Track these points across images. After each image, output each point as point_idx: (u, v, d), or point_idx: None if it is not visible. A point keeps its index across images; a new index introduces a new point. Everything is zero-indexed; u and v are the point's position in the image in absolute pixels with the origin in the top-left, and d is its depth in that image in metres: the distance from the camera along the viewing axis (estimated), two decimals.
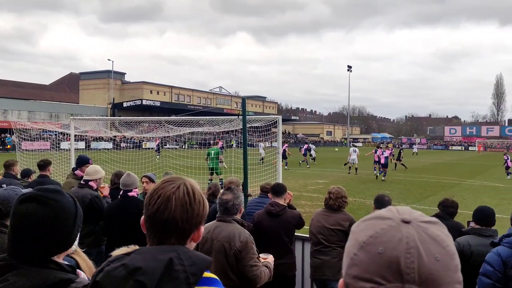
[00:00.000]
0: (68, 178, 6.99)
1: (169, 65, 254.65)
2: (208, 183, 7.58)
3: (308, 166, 30.46)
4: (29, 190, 1.84)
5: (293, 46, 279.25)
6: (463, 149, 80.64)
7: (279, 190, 5.04)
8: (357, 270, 0.74)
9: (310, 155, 33.34)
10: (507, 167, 24.99)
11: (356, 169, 25.79)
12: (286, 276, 4.80)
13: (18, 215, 1.55)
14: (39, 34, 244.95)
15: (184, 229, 1.40)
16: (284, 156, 27.93)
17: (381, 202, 4.73)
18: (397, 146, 42.49)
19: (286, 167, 26.51)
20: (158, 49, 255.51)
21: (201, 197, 1.46)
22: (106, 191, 5.70)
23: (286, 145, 30.40)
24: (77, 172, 6.52)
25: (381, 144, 37.04)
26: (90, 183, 5.43)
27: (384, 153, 23.00)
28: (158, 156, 23.35)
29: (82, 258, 2.00)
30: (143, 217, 1.45)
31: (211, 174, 16.10)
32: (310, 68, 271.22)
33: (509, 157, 25.13)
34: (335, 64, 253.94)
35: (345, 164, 27.41)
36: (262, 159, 17.67)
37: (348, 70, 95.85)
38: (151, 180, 6.03)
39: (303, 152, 31.51)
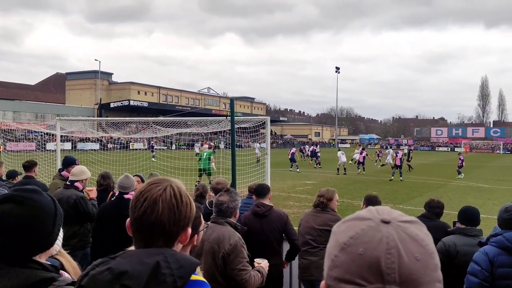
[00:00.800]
0: (54, 179, 6.91)
1: (156, 66, 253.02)
2: (196, 185, 7.55)
3: (316, 166, 31.33)
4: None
5: (282, 47, 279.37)
6: (449, 150, 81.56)
7: (261, 191, 5.01)
8: (338, 272, 0.74)
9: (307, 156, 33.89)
10: (460, 166, 25.70)
11: (344, 169, 26.23)
12: (274, 278, 4.79)
13: None
14: (24, 34, 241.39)
15: (172, 232, 1.38)
16: (293, 160, 27.96)
17: (372, 202, 4.74)
18: (406, 147, 43.45)
19: (298, 170, 26.86)
20: (146, 50, 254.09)
21: (188, 199, 1.45)
22: (93, 194, 5.53)
23: (294, 148, 30.20)
24: (64, 173, 6.43)
25: (368, 145, 37.53)
26: (76, 184, 5.33)
27: (397, 154, 24.17)
28: (154, 158, 22.97)
29: (67, 259, 1.96)
30: (128, 219, 1.43)
31: (200, 175, 16.08)
32: (298, 69, 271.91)
33: (463, 157, 26.37)
34: (323, 65, 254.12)
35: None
36: (258, 160, 17.69)
37: (336, 71, 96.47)
38: (143, 180, 6.02)
39: (309, 153, 31.73)
